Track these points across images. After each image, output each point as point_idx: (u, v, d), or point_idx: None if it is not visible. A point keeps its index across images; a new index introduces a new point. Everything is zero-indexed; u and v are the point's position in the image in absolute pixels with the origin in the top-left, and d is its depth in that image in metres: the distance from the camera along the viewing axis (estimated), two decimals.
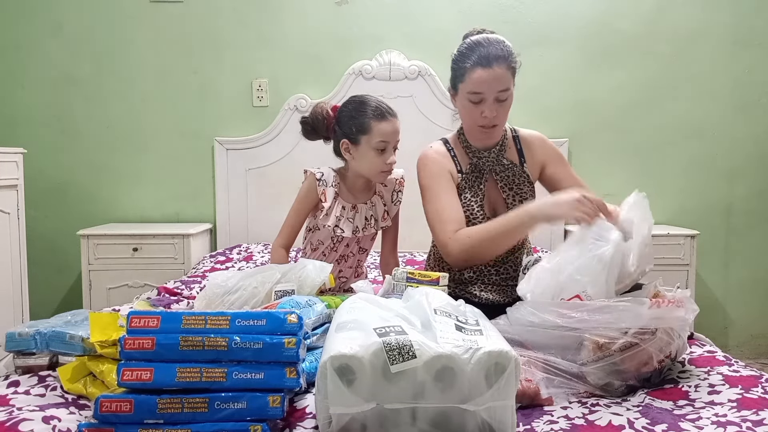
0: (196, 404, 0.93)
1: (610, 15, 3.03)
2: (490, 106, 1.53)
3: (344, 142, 1.75)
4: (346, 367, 0.91)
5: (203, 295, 1.48)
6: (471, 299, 1.58)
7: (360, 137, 1.72)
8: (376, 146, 1.71)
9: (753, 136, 3.07)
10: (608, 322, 1.14)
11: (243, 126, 3.06)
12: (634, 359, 1.14)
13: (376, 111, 1.71)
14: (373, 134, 1.70)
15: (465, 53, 1.55)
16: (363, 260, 1.94)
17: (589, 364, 1.14)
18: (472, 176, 1.64)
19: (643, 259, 1.25)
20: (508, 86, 1.53)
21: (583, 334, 1.15)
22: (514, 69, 1.55)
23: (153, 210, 3.12)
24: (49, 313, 2.64)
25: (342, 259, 1.87)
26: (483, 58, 1.51)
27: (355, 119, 1.73)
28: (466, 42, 1.58)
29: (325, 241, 1.84)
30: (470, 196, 1.62)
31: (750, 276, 3.11)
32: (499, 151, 1.64)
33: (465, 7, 3.04)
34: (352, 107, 1.75)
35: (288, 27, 3.05)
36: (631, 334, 1.13)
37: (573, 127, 3.07)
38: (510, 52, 1.54)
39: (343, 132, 1.76)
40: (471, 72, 1.52)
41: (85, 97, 3.07)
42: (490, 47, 1.52)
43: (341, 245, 1.84)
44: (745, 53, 3.04)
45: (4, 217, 2.45)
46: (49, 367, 1.24)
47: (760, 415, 1.01)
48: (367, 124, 1.70)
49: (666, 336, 1.15)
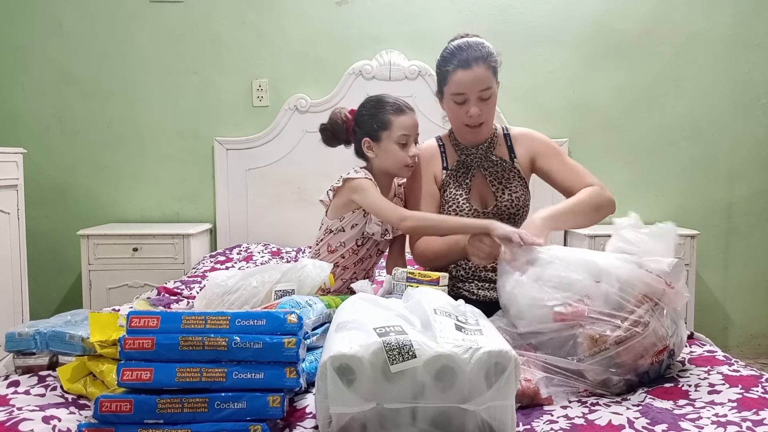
0: (196, 404, 0.93)
1: (611, 15, 3.03)
2: (474, 105, 1.59)
3: (366, 140, 1.76)
4: (346, 366, 0.91)
5: (203, 294, 1.48)
6: (468, 297, 1.60)
7: (381, 133, 1.74)
8: (398, 140, 1.72)
9: (753, 136, 3.07)
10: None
11: (243, 126, 3.06)
12: (630, 352, 1.14)
13: (394, 106, 1.74)
14: (393, 129, 1.72)
15: (447, 58, 1.63)
16: (377, 262, 1.94)
17: (586, 360, 1.15)
18: (458, 172, 1.71)
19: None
20: (490, 85, 1.59)
21: (576, 328, 1.15)
22: (495, 68, 1.60)
23: (153, 210, 3.12)
24: (49, 313, 2.64)
25: (360, 262, 1.85)
26: (463, 61, 1.58)
27: (374, 117, 1.75)
28: (448, 47, 1.65)
29: (348, 243, 1.81)
30: (455, 190, 1.69)
31: (750, 276, 3.11)
32: (487, 148, 1.70)
33: (465, 7, 3.04)
34: (371, 106, 1.78)
35: (288, 27, 3.05)
36: (624, 327, 1.13)
37: (573, 127, 3.07)
38: (489, 53, 1.60)
39: (363, 131, 1.77)
40: (453, 75, 1.59)
41: (85, 97, 3.07)
42: (469, 50, 1.59)
43: (363, 248, 1.83)
44: (745, 53, 3.04)
45: (4, 217, 2.45)
46: (49, 367, 1.24)
47: (761, 414, 1.01)
48: (387, 119, 1.73)
49: (661, 328, 1.16)
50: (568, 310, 1.17)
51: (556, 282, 1.21)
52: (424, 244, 1.68)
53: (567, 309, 1.17)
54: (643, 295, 1.17)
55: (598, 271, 1.20)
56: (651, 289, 1.18)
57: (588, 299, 1.17)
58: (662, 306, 1.18)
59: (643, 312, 1.15)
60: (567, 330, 1.17)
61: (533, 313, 1.21)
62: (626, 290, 1.17)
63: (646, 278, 1.18)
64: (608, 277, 1.19)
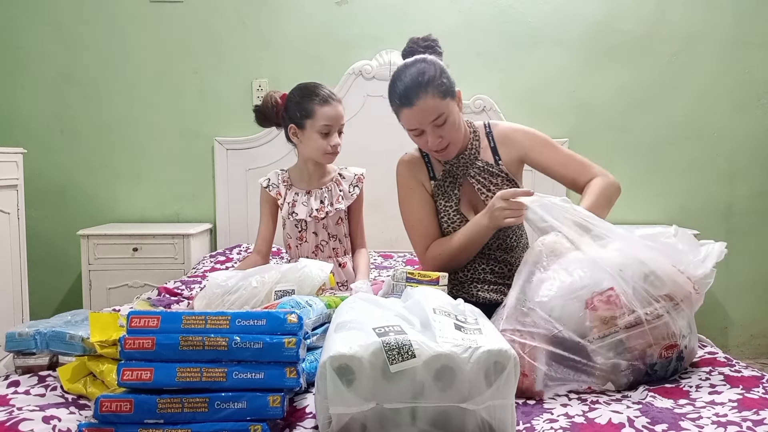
0: (196, 404, 0.93)
1: (611, 15, 3.03)
2: (432, 134, 1.53)
3: (291, 126, 1.88)
4: (345, 367, 0.91)
5: (203, 294, 1.48)
6: (468, 299, 1.59)
7: (305, 122, 1.85)
8: (320, 130, 1.83)
9: (753, 136, 3.07)
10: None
11: (243, 126, 3.05)
12: (639, 338, 1.15)
13: (320, 96, 1.83)
14: (317, 118, 1.83)
15: (390, 93, 1.56)
16: (339, 250, 1.99)
17: (595, 342, 1.15)
18: (446, 182, 1.66)
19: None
20: (440, 112, 1.49)
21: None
22: (443, 90, 1.49)
23: (153, 210, 3.12)
24: (49, 313, 2.64)
25: (318, 249, 1.96)
26: (403, 98, 1.50)
27: (300, 105, 1.85)
28: (391, 77, 1.56)
29: (292, 232, 1.97)
30: (444, 203, 1.65)
31: (750, 276, 3.11)
32: (470, 155, 1.65)
33: (465, 7, 3.04)
34: (297, 93, 1.88)
35: (288, 27, 3.05)
36: (635, 316, 1.14)
37: (573, 127, 3.07)
38: (430, 78, 1.48)
39: (290, 117, 1.88)
40: (400, 113, 1.55)
41: (85, 97, 3.07)
42: (407, 81, 1.49)
43: (308, 233, 1.94)
44: (745, 53, 3.03)
45: (4, 217, 2.45)
46: (49, 367, 1.24)
47: (761, 414, 1.01)
48: (311, 108, 1.83)
49: (674, 326, 1.16)
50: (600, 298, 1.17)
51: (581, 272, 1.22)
52: (437, 248, 1.63)
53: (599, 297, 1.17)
54: (666, 294, 1.17)
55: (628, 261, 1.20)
56: (678, 288, 1.18)
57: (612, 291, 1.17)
58: (682, 307, 1.19)
59: (658, 306, 1.16)
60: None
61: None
62: (655, 284, 1.17)
63: (677, 277, 1.19)
64: (637, 268, 1.19)
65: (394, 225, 1.97)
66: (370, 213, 2.18)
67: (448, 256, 1.60)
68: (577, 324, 1.17)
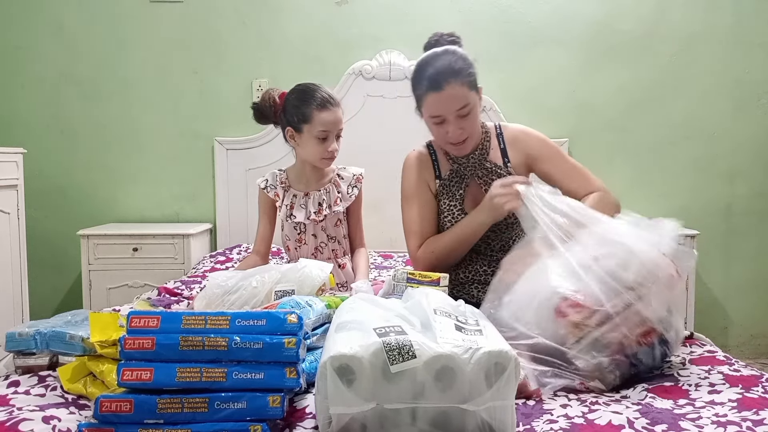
0: (196, 404, 0.93)
1: (611, 15, 3.03)
2: (454, 124, 1.53)
3: (288, 129, 1.85)
4: (346, 367, 0.91)
5: (203, 295, 1.48)
6: (469, 300, 1.59)
7: (302, 126, 1.81)
8: (318, 135, 1.79)
9: (753, 136, 3.07)
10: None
11: (243, 126, 3.05)
12: (613, 332, 1.14)
13: (318, 100, 1.79)
14: (314, 123, 1.78)
15: (417, 78, 1.56)
16: (338, 251, 1.98)
17: (573, 348, 1.14)
18: (451, 182, 1.66)
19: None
20: (467, 102, 1.50)
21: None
22: (471, 81, 1.52)
23: (153, 210, 3.12)
24: (49, 313, 2.63)
25: (317, 251, 1.95)
26: (433, 82, 1.50)
27: (297, 108, 1.80)
28: (418, 63, 1.57)
29: (291, 234, 1.95)
30: (448, 202, 1.65)
31: (750, 276, 3.11)
32: (480, 155, 1.65)
33: (465, 7, 3.04)
34: (295, 96, 1.83)
35: (288, 27, 3.05)
36: (603, 312, 1.13)
37: (573, 127, 3.07)
38: (461, 67, 1.50)
39: (287, 120, 1.85)
40: (425, 98, 1.53)
41: (85, 97, 3.07)
42: (438, 69, 1.50)
43: (307, 235, 1.93)
44: (745, 53, 3.04)
45: (4, 217, 2.45)
46: (49, 367, 1.24)
47: (761, 414, 1.01)
48: (308, 113, 1.78)
49: (646, 310, 1.14)
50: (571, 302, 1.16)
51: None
52: (429, 245, 1.63)
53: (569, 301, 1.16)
54: (636, 280, 1.15)
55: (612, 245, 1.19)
56: (659, 271, 1.17)
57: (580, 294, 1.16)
58: (652, 291, 1.16)
59: (626, 295, 1.14)
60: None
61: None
62: (632, 270, 1.16)
63: (660, 260, 1.18)
64: (617, 254, 1.18)
65: (393, 225, 1.97)
66: (370, 213, 2.17)
67: (440, 254, 1.60)
68: (553, 333, 1.17)
